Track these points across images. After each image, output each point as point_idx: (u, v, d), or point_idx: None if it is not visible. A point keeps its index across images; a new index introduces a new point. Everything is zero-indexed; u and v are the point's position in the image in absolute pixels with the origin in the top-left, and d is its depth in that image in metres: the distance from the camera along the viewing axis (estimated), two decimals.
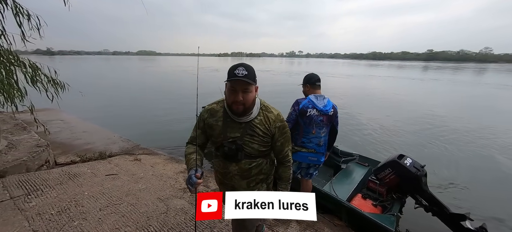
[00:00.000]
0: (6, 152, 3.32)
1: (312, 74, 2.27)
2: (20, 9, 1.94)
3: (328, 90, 14.83)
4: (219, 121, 1.21)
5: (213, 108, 1.26)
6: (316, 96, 2.18)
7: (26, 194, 2.48)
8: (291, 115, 2.16)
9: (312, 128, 2.15)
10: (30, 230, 1.97)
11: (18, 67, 2.08)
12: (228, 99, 1.14)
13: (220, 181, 1.37)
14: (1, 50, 1.87)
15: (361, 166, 3.54)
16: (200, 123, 1.29)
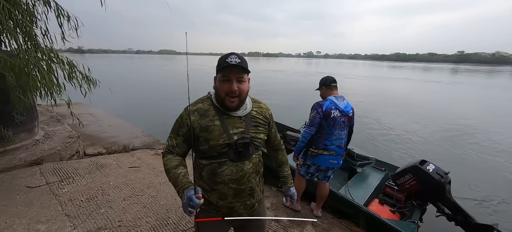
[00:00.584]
0: (43, 141, 3.64)
1: (327, 76, 2.28)
2: (61, 11, 2.13)
3: (346, 92, 14.40)
4: (216, 120, 1.04)
5: (201, 108, 1.06)
6: (336, 97, 2.18)
7: (59, 180, 2.71)
8: (315, 119, 2.12)
9: (335, 130, 2.14)
10: (63, 214, 2.15)
11: (57, 64, 2.29)
12: (220, 91, 1.02)
13: (237, 192, 1.08)
14: (45, 48, 2.07)
15: (378, 171, 3.44)
16: (181, 129, 1.06)
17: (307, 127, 2.18)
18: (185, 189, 0.95)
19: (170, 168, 1.04)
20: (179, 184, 0.98)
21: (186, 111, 1.06)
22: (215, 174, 1.04)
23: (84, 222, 2.06)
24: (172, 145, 1.09)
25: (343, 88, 16.89)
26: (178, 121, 1.09)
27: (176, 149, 1.09)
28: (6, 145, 3.16)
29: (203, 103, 1.08)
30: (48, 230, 1.93)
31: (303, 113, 2.38)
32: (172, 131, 1.11)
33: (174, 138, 1.09)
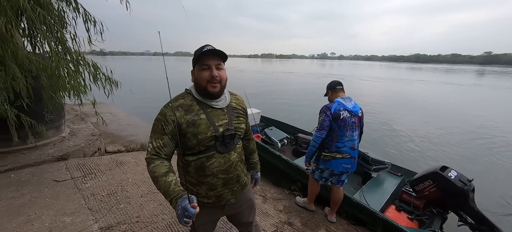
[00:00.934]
0: (69, 138, 3.87)
1: (333, 80, 2.33)
2: (89, 17, 2.28)
3: (358, 94, 13.97)
4: (201, 114, 1.06)
5: (184, 103, 1.06)
6: (343, 98, 2.19)
7: (83, 176, 2.87)
8: (325, 122, 2.11)
9: (346, 131, 2.12)
10: (86, 207, 2.27)
11: (84, 67, 2.44)
12: (201, 80, 1.04)
13: (225, 181, 1.13)
14: (73, 51, 2.22)
15: (394, 176, 3.33)
16: (166, 126, 1.03)
17: (318, 131, 2.16)
18: (178, 198, 0.92)
19: (159, 175, 0.98)
20: (171, 193, 0.95)
21: (168, 108, 1.04)
22: (204, 168, 1.07)
23: (105, 216, 2.17)
24: (158, 146, 1.04)
25: (357, 89, 16.43)
26: (161, 120, 1.04)
27: (164, 149, 1.04)
28: (37, 141, 3.41)
29: (185, 99, 1.08)
30: (72, 222, 2.05)
31: (315, 115, 2.37)
32: (155, 132, 1.05)
33: (160, 138, 1.04)
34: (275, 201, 2.77)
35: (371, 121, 8.39)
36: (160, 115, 1.06)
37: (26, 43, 2.14)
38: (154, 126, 1.07)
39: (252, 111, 5.05)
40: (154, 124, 1.07)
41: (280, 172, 3.54)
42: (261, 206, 2.61)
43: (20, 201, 2.29)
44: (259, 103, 7.94)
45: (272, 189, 3.10)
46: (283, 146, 4.22)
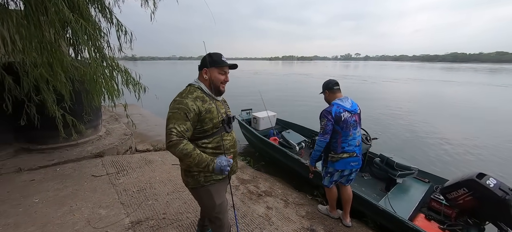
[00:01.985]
0: (105, 137, 4.22)
1: (330, 79, 2.31)
2: (120, 26, 2.49)
3: (382, 98, 13.13)
4: (212, 104, 1.35)
5: (199, 96, 1.33)
6: (341, 99, 2.21)
7: (116, 172, 3.10)
8: (327, 126, 2.13)
9: (349, 131, 2.17)
10: (118, 202, 2.44)
11: (118, 72, 2.66)
12: (217, 81, 1.37)
13: (234, 154, 1.48)
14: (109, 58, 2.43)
15: (421, 182, 3.14)
16: (189, 114, 1.25)
17: (321, 136, 2.18)
18: (213, 159, 1.30)
19: (191, 150, 1.24)
20: (206, 159, 1.28)
21: (190, 100, 1.28)
22: (220, 146, 1.37)
23: (135, 211, 2.31)
24: (183, 130, 1.24)
25: (379, 92, 15.46)
26: (183, 109, 1.25)
27: (187, 133, 1.26)
28: (78, 139, 3.77)
29: (197, 92, 1.34)
30: (107, 215, 2.22)
31: None
32: (178, 119, 1.24)
33: (183, 124, 1.24)
34: (297, 206, 2.71)
35: (396, 123, 7.85)
36: (181, 105, 1.26)
37: (71, 51, 2.39)
38: (175, 114, 1.25)
39: (268, 114, 5.02)
40: (174, 113, 1.25)
41: (302, 178, 3.46)
42: (282, 211, 2.57)
43: (64, 192, 2.54)
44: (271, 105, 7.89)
45: (293, 194, 3.04)
46: (301, 150, 4.14)
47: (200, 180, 1.39)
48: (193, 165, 1.27)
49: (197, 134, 1.33)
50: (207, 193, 1.43)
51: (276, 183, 3.31)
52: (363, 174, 3.61)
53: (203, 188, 1.41)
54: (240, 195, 2.82)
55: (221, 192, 1.48)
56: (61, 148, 3.63)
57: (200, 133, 1.33)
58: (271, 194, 2.94)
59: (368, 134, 3.60)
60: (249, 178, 3.35)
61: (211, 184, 1.41)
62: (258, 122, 5.05)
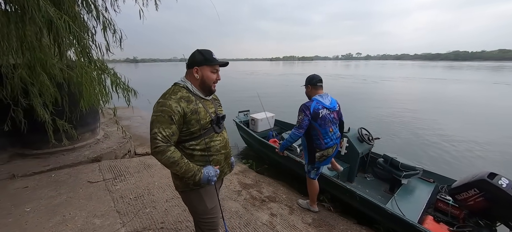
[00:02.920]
0: (103, 141, 4.10)
1: (314, 75, 2.28)
2: (109, 25, 2.34)
3: (384, 99, 12.96)
4: (199, 104, 1.26)
5: (184, 96, 1.23)
6: (321, 95, 2.22)
7: (113, 178, 2.97)
8: (304, 121, 2.14)
9: (329, 127, 2.21)
10: (115, 210, 2.31)
11: (106, 75, 2.54)
12: (209, 80, 1.29)
13: (226, 155, 1.41)
14: (96, 60, 2.29)
15: (426, 183, 3.06)
16: (174, 116, 1.16)
17: (296, 129, 2.20)
18: (200, 169, 1.24)
19: (178, 158, 1.17)
20: (193, 168, 1.22)
21: (173, 101, 1.18)
22: (210, 148, 1.30)
23: (132, 220, 2.18)
24: (168, 134, 1.16)
25: (381, 93, 15.28)
26: (167, 111, 1.16)
27: (173, 137, 1.18)
28: (74, 143, 3.65)
29: (181, 93, 1.23)
30: (102, 225, 2.09)
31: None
32: (162, 123, 1.15)
33: (168, 128, 1.16)
34: (302, 213, 2.57)
35: (397, 124, 7.68)
36: (165, 107, 1.16)
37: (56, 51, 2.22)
38: (159, 117, 1.16)
39: (266, 115, 4.87)
40: (158, 116, 1.16)
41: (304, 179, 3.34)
42: (287, 218, 2.43)
43: (57, 200, 2.42)
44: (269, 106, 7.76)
45: (299, 199, 2.90)
46: (302, 151, 4.02)
47: (189, 183, 1.28)
48: (179, 173, 1.21)
49: (184, 137, 1.24)
50: (198, 196, 1.34)
51: (280, 188, 3.17)
52: (366, 175, 3.49)
53: (193, 191, 1.32)
54: (243, 201, 2.68)
55: (212, 195, 1.39)
56: (57, 153, 3.51)
57: (186, 135, 1.24)
58: (275, 199, 2.80)
59: (370, 133, 3.48)
60: (251, 182, 3.22)
61: (201, 186, 1.32)
62: (257, 123, 4.89)
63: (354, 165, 3.21)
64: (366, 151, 3.32)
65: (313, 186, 2.51)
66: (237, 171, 3.55)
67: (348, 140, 3.19)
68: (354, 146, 3.14)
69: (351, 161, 3.23)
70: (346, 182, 3.23)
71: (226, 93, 14.09)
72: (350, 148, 3.19)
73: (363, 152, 3.20)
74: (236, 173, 3.45)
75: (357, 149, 3.13)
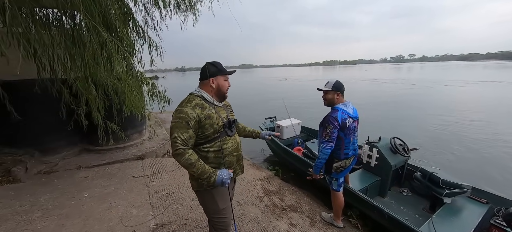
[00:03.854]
0: (147, 141, 4.68)
1: (339, 81, 2.15)
2: (152, 43, 2.79)
3: (441, 104, 11.12)
4: (212, 110, 1.38)
5: (199, 104, 1.36)
6: (345, 104, 2.14)
7: (152, 174, 3.36)
8: (334, 134, 2.05)
9: (350, 137, 2.14)
10: (149, 203, 2.62)
11: (145, 85, 2.98)
12: (224, 87, 1.45)
13: (238, 157, 1.52)
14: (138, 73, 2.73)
15: (477, 203, 2.61)
16: (190, 122, 1.28)
17: (326, 143, 2.09)
18: (215, 171, 1.33)
19: (195, 161, 1.28)
20: (208, 170, 1.31)
21: (189, 108, 1.31)
22: (222, 150, 1.41)
23: (161, 214, 2.44)
24: (186, 138, 1.28)
25: (432, 98, 13.14)
26: (184, 118, 1.29)
27: (190, 140, 1.30)
28: (125, 142, 4.28)
29: (196, 101, 1.37)
30: (137, 215, 2.40)
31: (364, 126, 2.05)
32: (180, 128, 1.28)
33: (185, 132, 1.28)
34: (324, 227, 2.44)
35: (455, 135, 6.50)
36: (182, 114, 1.30)
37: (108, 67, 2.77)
38: (178, 123, 1.29)
39: (292, 122, 4.73)
40: (177, 122, 1.30)
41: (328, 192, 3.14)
42: (307, 230, 2.35)
43: (107, 190, 2.88)
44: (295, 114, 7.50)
45: (322, 212, 2.76)
46: None
47: (204, 183, 1.38)
48: (196, 174, 1.32)
49: (199, 140, 1.37)
50: (210, 196, 1.44)
51: (304, 198, 3.08)
52: (401, 189, 3.11)
53: (206, 191, 1.43)
54: (263, 207, 2.70)
55: (225, 196, 1.48)
56: (112, 150, 4.16)
57: (201, 138, 1.37)
58: (296, 209, 2.73)
59: (406, 144, 3.09)
60: (275, 189, 3.21)
61: (214, 187, 1.40)
62: (282, 130, 4.82)
63: (386, 178, 2.90)
64: (400, 164, 2.98)
65: (338, 199, 2.37)
66: (262, 177, 3.59)
67: (379, 151, 2.91)
68: (386, 158, 2.85)
69: (383, 174, 2.93)
70: (376, 197, 2.94)
71: (250, 99, 14.28)
72: (381, 160, 2.90)
73: (396, 164, 2.88)
74: (261, 179, 3.49)
75: (389, 161, 2.83)
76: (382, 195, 3.00)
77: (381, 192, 3.01)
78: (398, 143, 3.05)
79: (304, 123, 5.22)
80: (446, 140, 6.27)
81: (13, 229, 2.14)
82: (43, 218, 2.30)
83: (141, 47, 2.79)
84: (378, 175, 2.99)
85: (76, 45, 1.99)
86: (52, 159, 3.77)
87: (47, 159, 3.73)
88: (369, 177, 3.00)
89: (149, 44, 2.79)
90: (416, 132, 6.99)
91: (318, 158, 2.18)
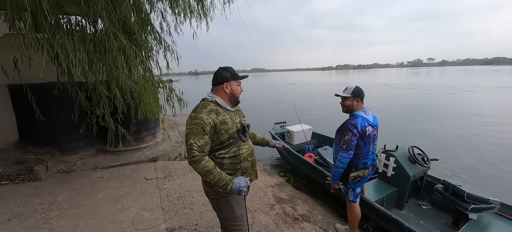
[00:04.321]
0: (160, 144, 4.75)
1: (359, 86, 2.07)
2: (167, 47, 2.86)
3: (461, 111, 10.45)
4: (226, 115, 1.37)
5: (213, 109, 1.35)
6: (365, 111, 2.05)
7: (164, 177, 3.39)
8: (352, 142, 1.96)
9: (370, 146, 2.05)
10: (160, 206, 2.63)
11: (162, 89, 3.04)
12: (237, 92, 1.44)
13: (252, 163, 1.51)
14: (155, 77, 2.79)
15: (505, 220, 2.48)
16: (206, 127, 1.28)
17: (344, 152, 2.00)
18: (232, 179, 1.30)
19: (212, 168, 1.26)
20: (225, 178, 1.28)
21: (204, 114, 1.31)
22: (237, 156, 1.40)
23: (172, 218, 2.43)
24: (202, 144, 1.26)
25: (451, 104, 12.38)
26: (200, 124, 1.28)
27: (206, 147, 1.29)
28: (139, 144, 4.37)
29: (210, 106, 1.36)
30: (149, 218, 2.41)
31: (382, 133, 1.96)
32: (196, 134, 1.27)
33: (201, 138, 1.27)
34: None
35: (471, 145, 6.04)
36: (197, 120, 1.29)
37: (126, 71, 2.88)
38: (193, 129, 1.28)
39: (303, 127, 4.62)
40: (192, 128, 1.28)
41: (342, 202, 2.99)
42: None
43: (121, 191, 2.93)
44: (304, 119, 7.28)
45: (337, 223, 2.64)
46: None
47: (220, 191, 1.35)
48: (212, 182, 1.29)
49: (215, 146, 1.35)
50: (227, 203, 1.42)
51: (317, 207, 2.97)
52: (421, 202, 2.92)
53: (222, 198, 1.40)
54: (274, 215, 2.63)
55: (241, 202, 1.46)
56: (127, 152, 4.26)
57: (216, 145, 1.35)
58: (309, 219, 2.63)
59: (425, 153, 2.90)
60: (286, 197, 3.12)
61: (230, 194, 1.38)
62: (292, 136, 4.72)
63: (404, 190, 2.73)
64: (419, 174, 2.80)
65: (354, 211, 2.26)
66: (273, 183, 3.52)
67: (396, 160, 2.75)
68: (404, 168, 2.69)
69: (400, 185, 2.76)
70: (393, 209, 2.77)
71: (260, 102, 14.20)
72: (399, 170, 2.74)
73: (415, 175, 2.71)
74: (272, 186, 3.42)
75: (408, 171, 2.66)
76: (399, 207, 2.83)
77: (398, 204, 2.83)
78: (417, 153, 2.87)
79: (315, 129, 5.10)
80: (468, 151, 5.87)
81: (31, 227, 2.21)
82: (59, 218, 2.37)
83: (157, 53, 2.87)
84: (395, 185, 2.82)
85: (96, 51, 2.07)
86: (71, 159, 3.92)
87: (66, 159, 3.89)
88: (386, 187, 2.84)
89: (165, 48, 2.86)
90: (434, 141, 6.61)
91: (335, 167, 2.09)
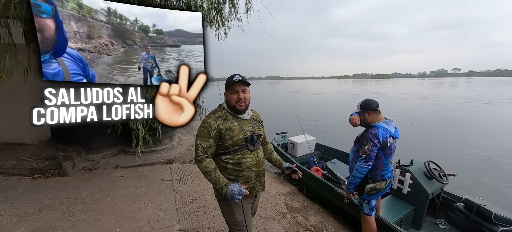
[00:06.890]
0: (177, 147, 4.91)
1: (368, 99, 2.07)
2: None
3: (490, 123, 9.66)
4: (234, 122, 1.41)
5: (222, 115, 1.42)
6: (386, 122, 1.99)
7: (179, 179, 3.50)
8: (373, 152, 1.90)
9: (390, 158, 2.01)
10: (174, 207, 2.71)
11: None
12: (231, 101, 1.41)
13: (257, 173, 1.47)
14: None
15: None
16: (211, 131, 1.35)
17: (363, 162, 1.95)
18: (228, 184, 1.33)
19: (211, 170, 1.34)
20: (221, 182, 1.33)
21: (212, 119, 1.39)
22: (241, 164, 1.41)
23: (185, 219, 2.49)
24: (206, 146, 1.35)
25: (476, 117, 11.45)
26: (206, 127, 1.37)
27: (210, 149, 1.37)
28: (157, 146, 4.55)
29: (221, 112, 1.44)
30: (163, 218, 2.49)
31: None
32: (202, 137, 1.37)
33: (206, 141, 1.36)
34: None
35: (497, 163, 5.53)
36: (205, 124, 1.39)
37: None
38: (200, 132, 1.39)
39: (306, 138, 4.46)
40: (199, 131, 1.39)
41: (354, 219, 2.77)
42: None
43: (139, 191, 3.06)
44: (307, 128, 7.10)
45: None
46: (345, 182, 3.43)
47: (222, 193, 1.39)
48: (211, 183, 1.38)
49: (220, 150, 1.42)
50: (228, 207, 1.47)
51: (330, 219, 2.89)
52: (437, 221, 2.74)
53: (224, 201, 1.46)
54: (286, 224, 2.60)
55: (240, 209, 1.46)
56: (146, 153, 4.45)
57: (221, 149, 1.42)
58: (322, 231, 2.57)
59: (441, 169, 2.71)
60: (299, 206, 3.08)
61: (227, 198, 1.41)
62: (296, 147, 4.54)
63: (422, 208, 2.57)
64: (437, 192, 2.64)
65: (369, 225, 2.16)
66: (286, 191, 3.49)
67: (412, 176, 2.61)
68: (421, 185, 2.54)
69: (418, 203, 2.61)
70: (410, 230, 2.61)
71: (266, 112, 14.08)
72: (416, 186, 2.59)
73: (433, 192, 2.55)
74: (284, 194, 3.39)
75: (426, 188, 2.51)
76: (417, 227, 2.65)
77: (415, 223, 2.66)
78: (433, 167, 2.70)
79: (318, 140, 4.91)
80: (488, 166, 5.43)
81: (59, 219, 2.38)
82: (83, 212, 2.52)
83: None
84: (412, 204, 2.66)
85: None
86: (95, 157, 4.17)
87: (90, 157, 4.14)
88: (402, 206, 2.67)
89: None
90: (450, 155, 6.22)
91: (352, 176, 2.04)
